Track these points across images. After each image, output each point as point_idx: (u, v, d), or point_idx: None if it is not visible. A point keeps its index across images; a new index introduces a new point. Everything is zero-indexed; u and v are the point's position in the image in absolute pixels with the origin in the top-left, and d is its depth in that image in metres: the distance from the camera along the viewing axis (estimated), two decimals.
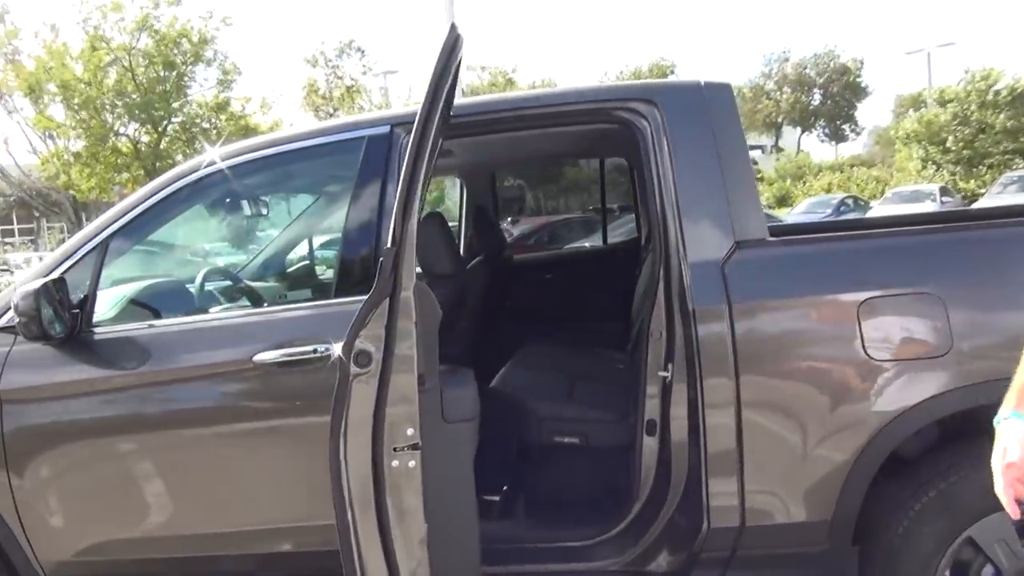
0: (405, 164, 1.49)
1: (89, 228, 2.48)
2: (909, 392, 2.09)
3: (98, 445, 2.39)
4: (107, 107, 20.38)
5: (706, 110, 2.32)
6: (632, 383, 2.56)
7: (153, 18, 20.23)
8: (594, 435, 2.69)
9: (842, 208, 21.61)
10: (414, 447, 1.51)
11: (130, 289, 2.73)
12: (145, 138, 21.27)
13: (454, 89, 2.03)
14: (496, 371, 3.08)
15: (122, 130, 21.27)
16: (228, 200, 2.78)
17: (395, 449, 1.50)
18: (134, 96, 20.13)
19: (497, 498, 2.56)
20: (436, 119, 1.52)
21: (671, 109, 2.33)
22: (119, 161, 20.56)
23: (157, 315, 2.64)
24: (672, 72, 35.74)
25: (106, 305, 2.62)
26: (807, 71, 45.97)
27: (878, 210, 19.65)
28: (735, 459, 2.16)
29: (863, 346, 2.07)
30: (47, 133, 21.36)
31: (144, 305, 2.69)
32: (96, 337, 2.39)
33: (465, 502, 1.71)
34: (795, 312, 2.18)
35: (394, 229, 1.45)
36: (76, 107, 20.04)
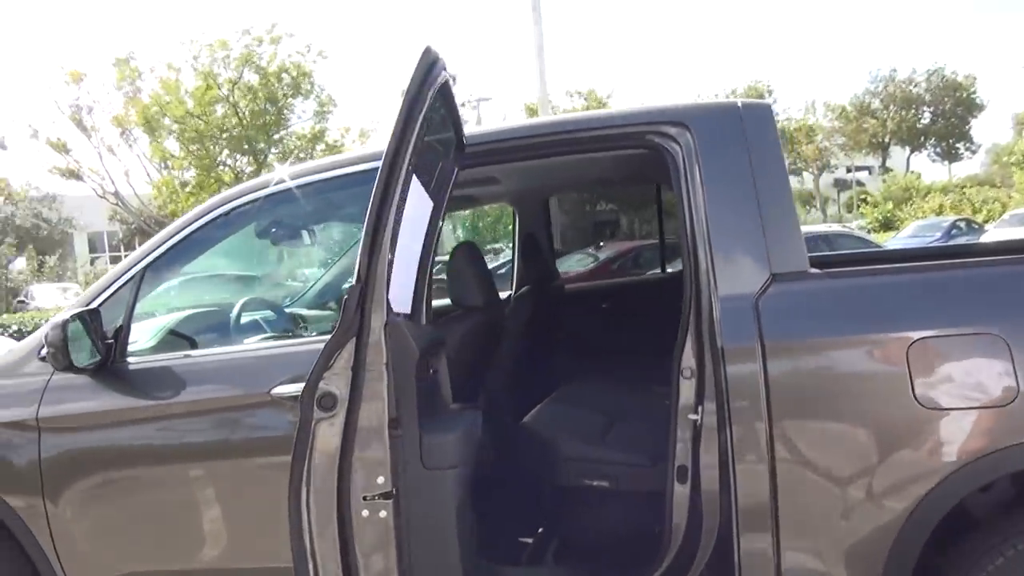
0: (372, 197, 1.42)
1: (127, 259, 2.54)
2: (970, 444, 1.87)
3: (130, 474, 2.41)
4: (213, 139, 21.55)
5: (743, 134, 2.17)
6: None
7: (257, 56, 21.30)
8: (625, 479, 2.53)
9: (953, 231, 20.34)
10: (386, 496, 1.42)
11: (170, 319, 2.78)
12: (248, 168, 22.35)
13: (454, 112, 1.96)
14: (536, 406, 2.97)
15: (228, 161, 22.43)
16: (268, 229, 2.79)
17: (365, 498, 1.42)
18: (236, 129, 21.23)
19: (530, 540, 2.45)
20: (409, 148, 1.45)
21: (704, 133, 2.19)
22: (222, 190, 21.62)
23: (194, 345, 2.67)
24: (769, 93, 34.68)
25: (146, 335, 2.68)
26: (915, 89, 43.81)
27: (993, 234, 18.36)
28: (769, 513, 1.97)
29: (913, 392, 1.86)
30: (163, 164, 22.76)
31: (182, 335, 2.72)
32: (130, 367, 2.43)
33: (447, 552, 1.59)
34: (836, 353, 1.98)
35: (359, 266, 1.39)
36: (187, 140, 21.31)
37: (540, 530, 2.50)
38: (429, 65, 1.50)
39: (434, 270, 2.34)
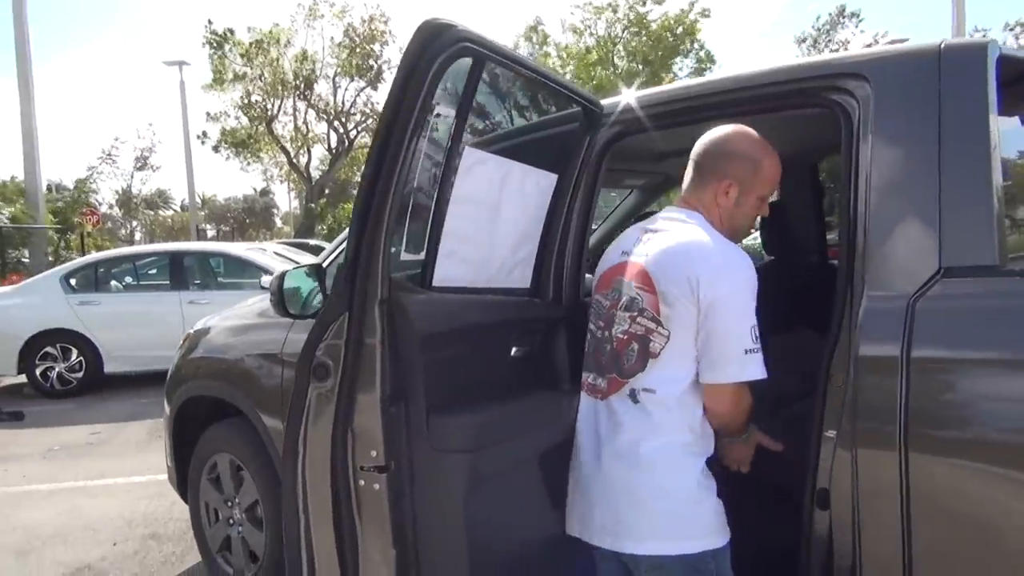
0: (365, 170, 1.44)
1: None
2: None
3: None
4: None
5: (935, 86, 1.70)
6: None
7: (643, 16, 21.66)
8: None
9: None
10: (380, 469, 1.47)
11: None
12: None
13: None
14: None
15: None
16: None
17: (362, 468, 1.49)
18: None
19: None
20: (414, 112, 1.41)
21: (885, 85, 1.76)
22: None
23: None
24: None
25: None
26: None
27: None
28: (897, 562, 1.59)
29: None
30: None
31: None
32: None
33: (451, 539, 1.57)
34: (1008, 377, 1.49)
35: (354, 242, 1.42)
36: None
37: None
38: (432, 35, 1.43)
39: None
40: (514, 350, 1.88)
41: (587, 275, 2.23)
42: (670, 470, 1.68)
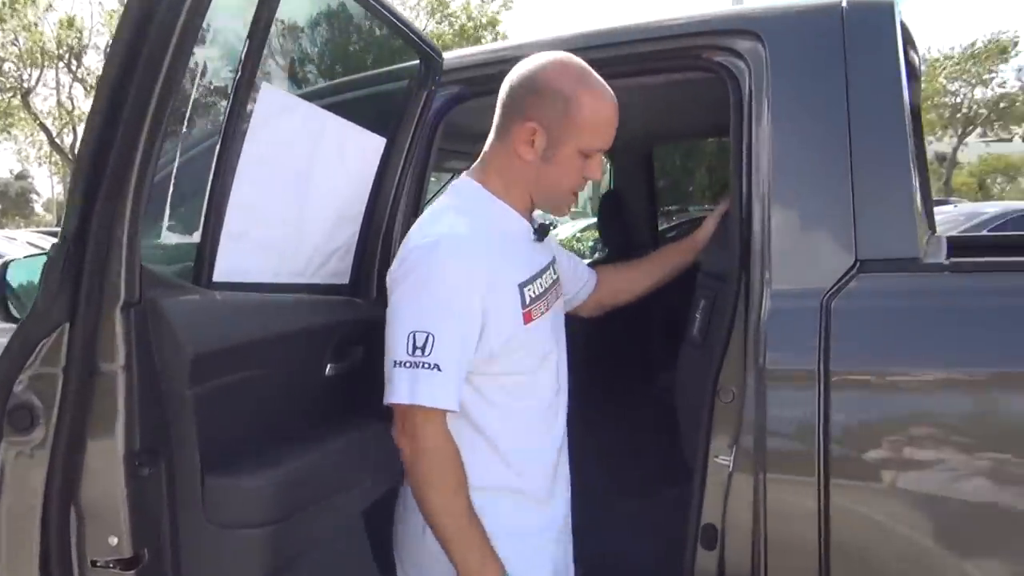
0: (97, 91, 0.91)
1: None
2: None
3: None
4: None
5: (840, 46, 1.44)
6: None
7: (446, 5, 21.40)
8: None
9: None
10: (126, 564, 0.94)
11: None
12: None
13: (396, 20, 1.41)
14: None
15: None
16: None
17: (95, 564, 0.95)
18: None
19: None
20: (181, 13, 0.90)
21: (782, 45, 1.48)
22: None
23: None
24: (1014, 45, 29.09)
25: None
26: None
27: None
28: None
29: None
30: None
31: None
32: None
33: None
34: (947, 390, 1.26)
35: (78, 212, 0.88)
36: None
37: None
38: None
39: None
40: (329, 367, 1.39)
41: None
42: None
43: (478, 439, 1.23)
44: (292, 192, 1.31)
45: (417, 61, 1.63)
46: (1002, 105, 26.46)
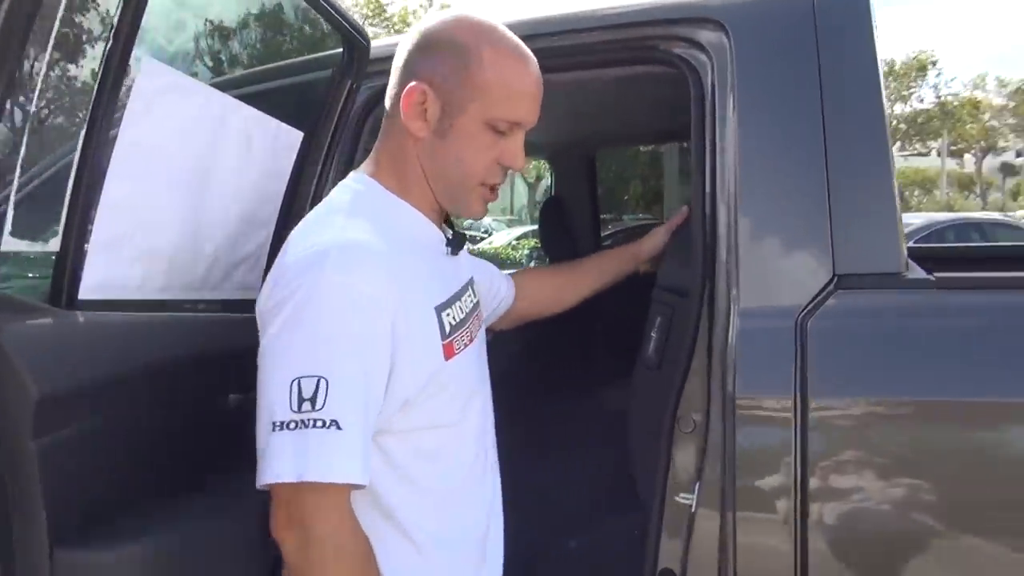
0: None
1: None
2: None
3: None
4: None
5: (812, 36, 1.30)
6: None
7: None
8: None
9: None
10: None
11: None
12: None
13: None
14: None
15: None
16: None
17: None
18: None
19: None
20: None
21: (746, 36, 1.34)
22: None
23: None
24: (933, 64, 30.50)
25: None
26: None
27: None
28: None
29: None
30: None
31: None
32: None
33: None
34: (937, 420, 1.13)
35: None
36: None
37: None
38: None
39: None
40: (233, 399, 1.18)
41: None
42: None
43: (385, 526, 0.92)
44: (185, 190, 1.09)
45: (340, 49, 1.43)
46: (919, 120, 27.70)
